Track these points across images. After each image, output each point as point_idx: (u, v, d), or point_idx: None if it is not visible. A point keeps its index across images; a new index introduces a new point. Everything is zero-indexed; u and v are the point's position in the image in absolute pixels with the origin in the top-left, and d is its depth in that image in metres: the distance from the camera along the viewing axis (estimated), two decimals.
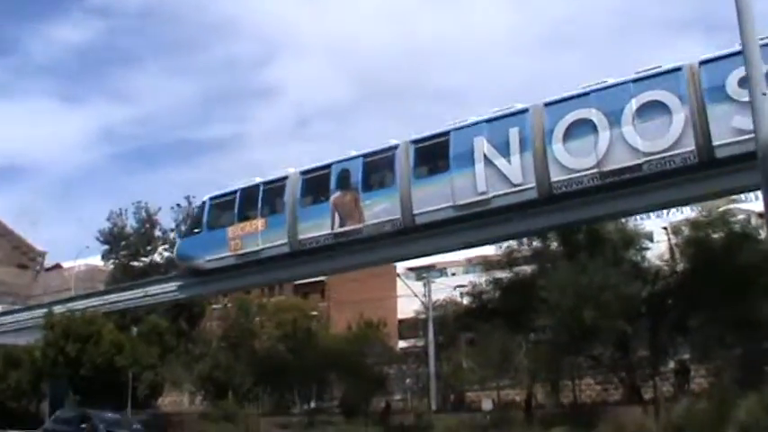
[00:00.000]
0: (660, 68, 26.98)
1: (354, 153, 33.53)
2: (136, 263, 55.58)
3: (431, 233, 30.35)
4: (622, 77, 27.51)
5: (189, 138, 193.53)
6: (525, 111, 29.12)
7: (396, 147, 31.92)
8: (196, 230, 39.11)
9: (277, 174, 36.06)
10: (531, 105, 29.12)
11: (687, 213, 36.17)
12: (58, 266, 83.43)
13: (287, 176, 35.23)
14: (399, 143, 31.98)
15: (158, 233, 57.27)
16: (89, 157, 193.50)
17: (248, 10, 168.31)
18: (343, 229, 32.44)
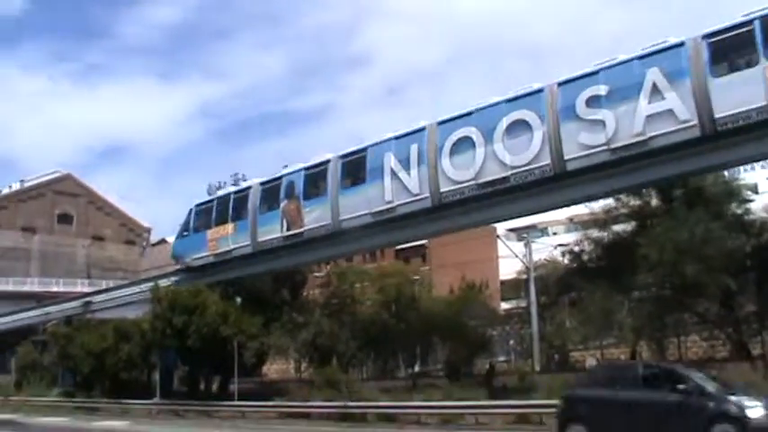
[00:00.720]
0: (527, 89, 30.30)
1: (300, 165, 38.61)
2: None
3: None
4: (500, 97, 30.97)
5: (283, 109, 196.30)
6: (423, 129, 33.18)
7: (328, 161, 36.68)
8: (185, 233, 44.80)
9: (246, 184, 42.32)
10: (428, 124, 33.04)
11: None
12: (164, 241, 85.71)
13: (250, 187, 41.10)
14: (332, 157, 36.65)
15: None
16: (188, 134, 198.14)
17: None
18: (289, 233, 37.83)
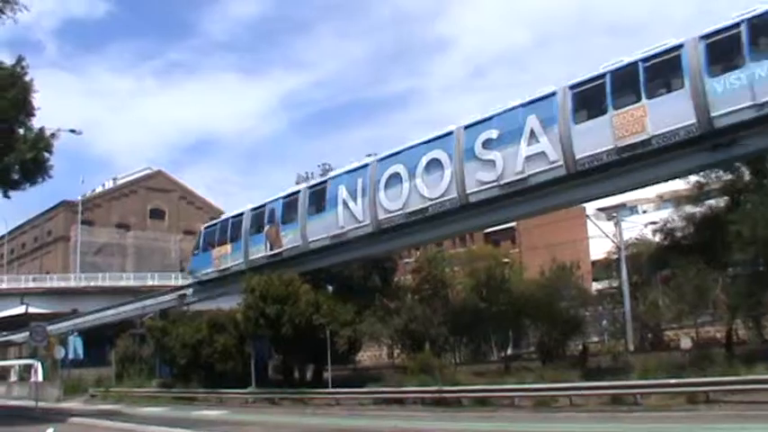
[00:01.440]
0: (440, 133, 36.80)
1: (280, 194, 45.59)
2: None
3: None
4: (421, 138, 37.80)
5: (367, 97, 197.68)
6: (366, 165, 40.04)
7: (299, 192, 43.80)
8: (196, 252, 53.11)
9: (240, 210, 48.99)
10: (371, 161, 39.94)
11: None
12: None
13: (243, 213, 48.00)
14: (302, 188, 43.87)
15: None
16: (272, 126, 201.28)
17: None
18: (271, 252, 44.55)
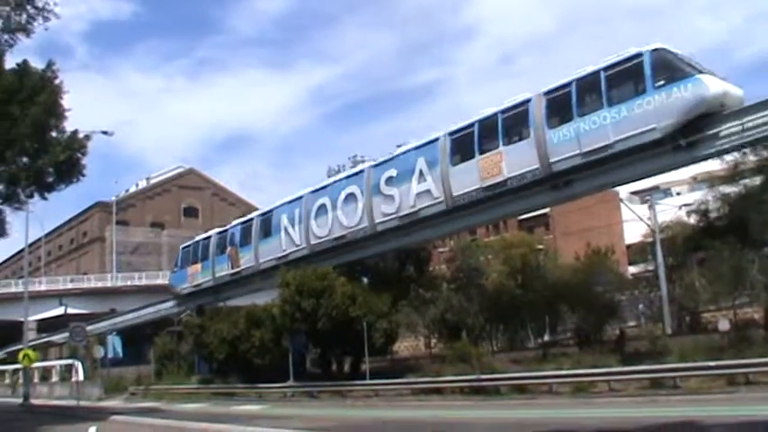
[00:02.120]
0: (354, 171, 44.85)
1: (238, 220, 54.27)
2: None
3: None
4: (341, 175, 46.32)
5: (395, 88, 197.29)
6: (301, 197, 46.56)
7: (252, 219, 51.46)
8: (176, 269, 60.50)
9: (209, 233, 57.17)
10: (305, 194, 46.29)
11: None
12: None
13: (210, 236, 55.83)
14: (254, 216, 51.72)
15: None
16: (302, 119, 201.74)
17: None
18: (233, 271, 51.65)
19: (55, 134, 31.73)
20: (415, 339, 53.51)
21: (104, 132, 45.28)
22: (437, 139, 38.30)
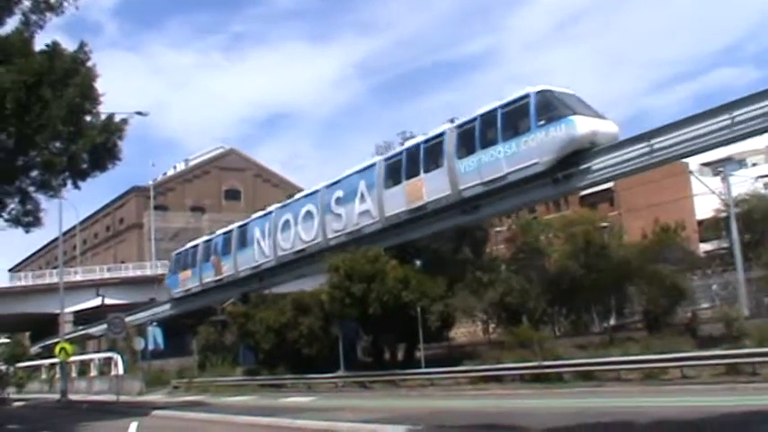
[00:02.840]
0: (310, 191, 52.43)
1: (221, 231, 62.72)
2: None
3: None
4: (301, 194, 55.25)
5: (445, 59, 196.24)
6: (270, 213, 54.92)
7: (232, 230, 59.63)
8: (169, 275, 70.27)
9: (197, 241, 67.09)
10: (274, 209, 54.83)
11: None
12: None
13: (198, 244, 65.25)
14: (233, 227, 59.86)
15: None
16: (347, 94, 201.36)
17: None
18: (216, 278, 60.95)
19: (89, 119, 31.86)
20: (473, 325, 53.40)
21: (139, 113, 45.25)
22: (374, 165, 45.86)
